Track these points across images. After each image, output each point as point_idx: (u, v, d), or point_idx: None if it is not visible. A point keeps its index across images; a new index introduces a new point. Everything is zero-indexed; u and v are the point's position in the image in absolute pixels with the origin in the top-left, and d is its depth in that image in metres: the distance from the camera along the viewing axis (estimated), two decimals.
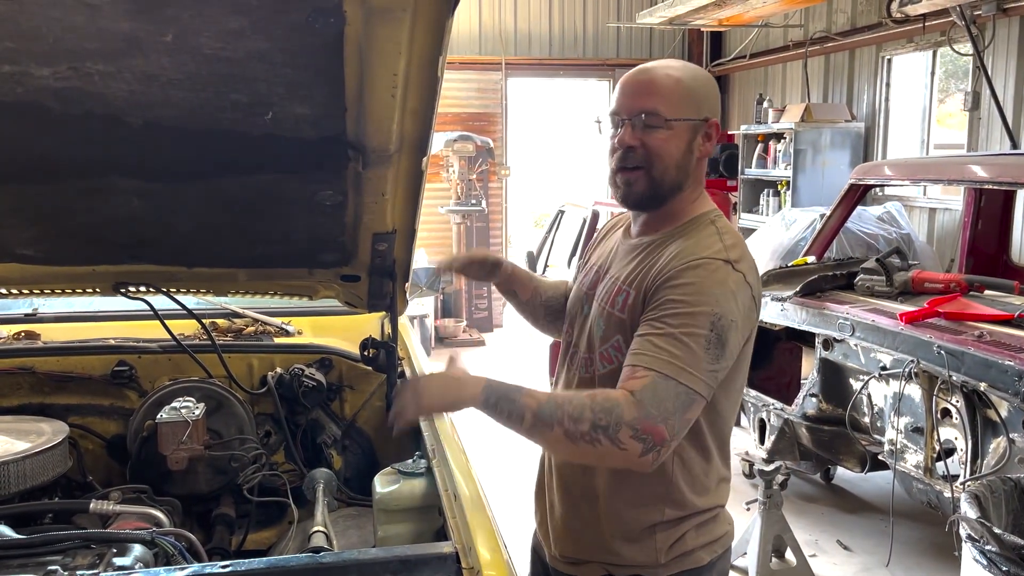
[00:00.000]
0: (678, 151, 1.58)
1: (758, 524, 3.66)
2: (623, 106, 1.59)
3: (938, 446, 3.27)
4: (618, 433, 1.39)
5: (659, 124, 1.56)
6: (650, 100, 1.56)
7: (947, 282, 3.79)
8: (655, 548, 1.60)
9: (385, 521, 1.74)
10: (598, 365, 1.63)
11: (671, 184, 1.60)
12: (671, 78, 1.59)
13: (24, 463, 1.80)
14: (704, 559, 1.63)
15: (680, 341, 1.44)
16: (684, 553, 1.61)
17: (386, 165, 1.72)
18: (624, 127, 1.58)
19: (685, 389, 1.43)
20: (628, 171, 1.59)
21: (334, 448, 2.42)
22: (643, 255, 1.62)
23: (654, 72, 1.60)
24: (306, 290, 2.30)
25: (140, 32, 1.31)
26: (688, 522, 1.61)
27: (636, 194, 1.61)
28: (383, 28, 1.35)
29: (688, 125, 1.58)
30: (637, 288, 1.57)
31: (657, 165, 1.58)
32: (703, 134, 1.61)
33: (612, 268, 1.69)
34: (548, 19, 9.23)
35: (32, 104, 1.46)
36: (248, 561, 1.34)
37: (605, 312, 1.63)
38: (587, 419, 1.40)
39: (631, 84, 1.61)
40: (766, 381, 4.64)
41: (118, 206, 1.82)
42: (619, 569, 1.63)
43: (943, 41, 5.98)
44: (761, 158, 7.59)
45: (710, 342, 1.45)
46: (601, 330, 1.63)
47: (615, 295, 1.62)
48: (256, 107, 1.51)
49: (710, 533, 1.64)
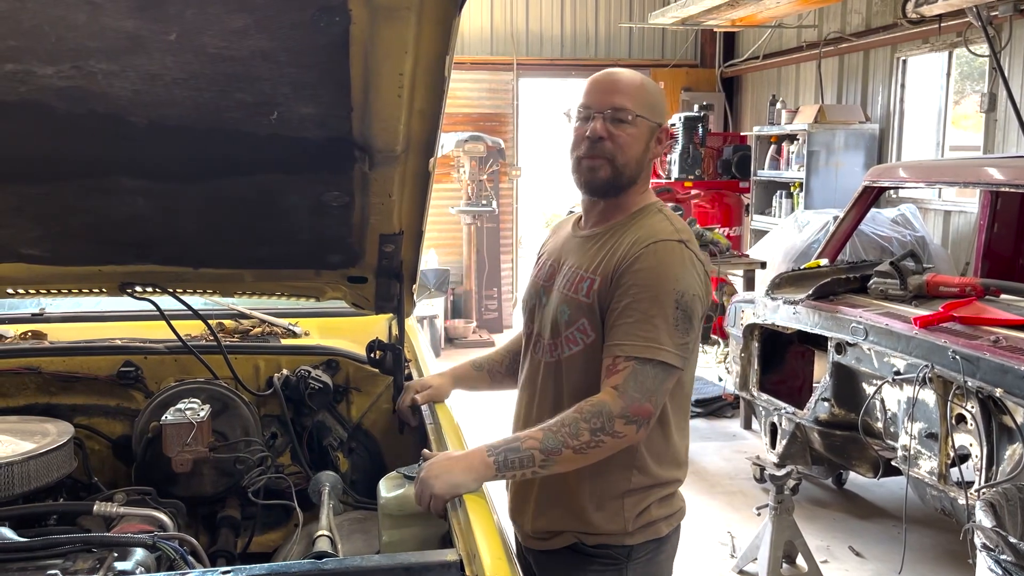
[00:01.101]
0: (639, 147, 1.76)
1: (769, 529, 3.62)
2: (594, 101, 1.75)
3: (952, 452, 3.23)
4: (613, 427, 1.59)
5: (626, 119, 1.73)
6: (620, 97, 1.74)
7: (962, 286, 3.74)
8: (623, 516, 1.75)
9: (390, 526, 1.72)
10: (563, 348, 1.78)
11: (629, 176, 1.77)
12: (635, 81, 1.78)
13: (29, 464, 1.78)
14: (663, 531, 1.80)
15: (650, 323, 1.62)
16: (648, 523, 1.77)
17: (393, 166, 1.70)
18: (595, 119, 1.73)
19: (662, 366, 1.63)
20: (593, 158, 1.75)
21: (340, 451, 2.40)
22: (600, 243, 1.78)
23: (622, 75, 1.79)
24: (313, 291, 2.29)
25: (143, 31, 1.29)
26: (653, 493, 1.77)
27: (599, 180, 1.76)
28: (389, 27, 1.33)
29: (648, 125, 1.76)
30: (602, 274, 1.72)
31: (620, 157, 1.74)
32: (656, 138, 1.80)
33: (569, 259, 1.83)
34: (560, 19, 9.21)
35: (35, 103, 1.44)
36: (250, 567, 1.32)
37: (568, 298, 1.77)
38: (584, 429, 1.58)
39: (602, 83, 1.78)
40: (777, 385, 4.60)
41: (123, 206, 1.81)
42: (589, 537, 1.77)
43: (959, 42, 5.92)
44: (774, 159, 7.55)
45: (678, 319, 1.64)
46: (566, 315, 1.77)
47: (578, 282, 1.76)
48: (261, 107, 1.49)
49: (670, 506, 1.82)
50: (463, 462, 1.59)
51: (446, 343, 8.21)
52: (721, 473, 5.04)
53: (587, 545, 1.77)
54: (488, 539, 1.40)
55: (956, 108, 6.79)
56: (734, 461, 5.20)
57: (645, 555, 1.78)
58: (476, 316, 8.81)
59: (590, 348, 1.73)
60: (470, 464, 1.58)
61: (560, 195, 12.99)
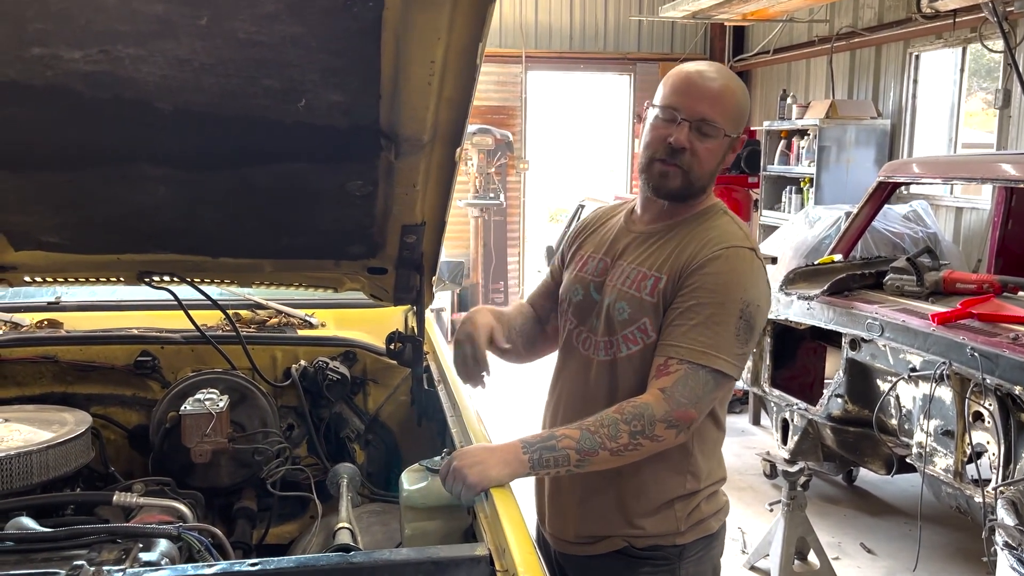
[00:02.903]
0: (716, 161, 1.69)
1: (781, 526, 3.61)
2: (684, 106, 1.64)
3: (969, 450, 3.21)
4: (654, 431, 1.54)
5: (714, 135, 1.64)
6: (712, 109, 1.64)
7: (980, 283, 3.72)
8: (675, 517, 1.72)
9: (413, 519, 1.70)
10: (620, 347, 1.71)
11: (701, 187, 1.71)
12: (730, 90, 1.67)
13: (47, 453, 1.77)
14: (714, 527, 1.78)
15: (712, 329, 1.56)
16: (699, 521, 1.74)
17: (418, 155, 1.68)
18: (680, 127, 1.64)
19: (714, 374, 1.57)
20: (668, 165, 1.67)
21: (357, 442, 2.39)
22: (664, 241, 1.71)
23: (717, 80, 1.67)
24: (332, 282, 2.27)
25: (174, 14, 1.27)
26: (702, 492, 1.74)
27: (669, 188, 1.69)
28: (422, 13, 1.31)
29: (729, 139, 1.68)
30: (669, 272, 1.66)
31: (696, 170, 1.67)
32: (733, 147, 1.72)
33: (626, 254, 1.75)
34: (569, 12, 9.16)
35: (61, 88, 1.42)
36: (278, 560, 1.30)
37: (628, 296, 1.70)
38: (624, 431, 1.53)
39: (694, 86, 1.66)
40: (789, 381, 4.58)
41: (145, 194, 1.79)
42: (640, 540, 1.73)
43: (973, 38, 5.87)
44: (784, 155, 7.51)
45: (740, 328, 1.58)
46: (625, 313, 1.69)
47: (640, 280, 1.69)
48: (289, 94, 1.47)
49: (717, 502, 1.79)
50: (498, 455, 1.54)
51: (453, 335, 8.20)
52: (731, 469, 4.96)
53: (637, 548, 1.73)
54: (517, 534, 1.39)
55: (964, 105, 6.74)
56: (744, 457, 5.18)
57: (696, 553, 1.75)
58: None
59: (649, 348, 1.67)
60: (505, 458, 1.53)
61: (568, 188, 12.97)
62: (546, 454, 1.53)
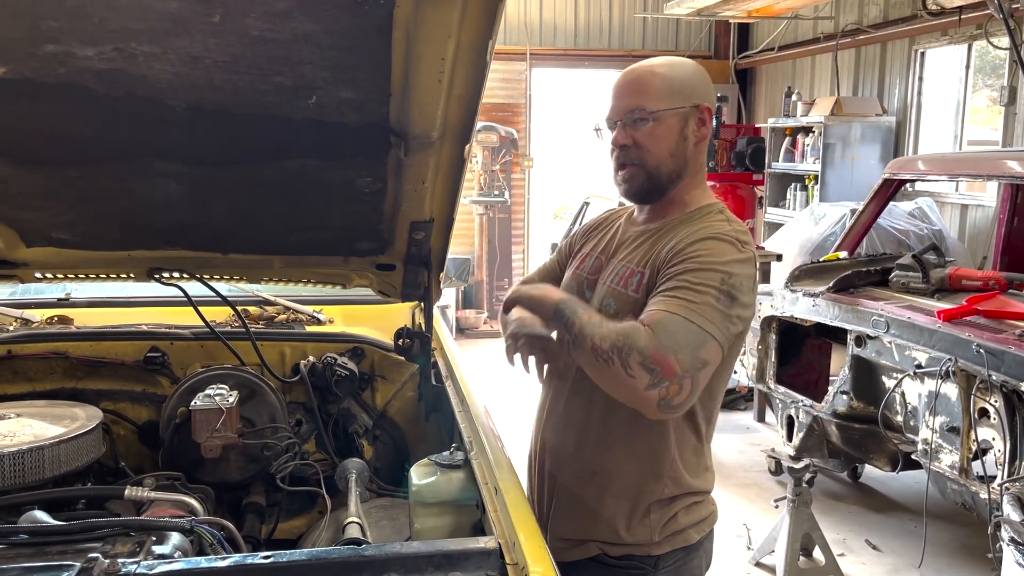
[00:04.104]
0: (670, 140, 1.66)
1: (786, 522, 3.62)
2: (613, 109, 1.70)
3: (975, 446, 3.21)
4: (629, 357, 1.45)
5: (645, 118, 1.65)
6: (634, 98, 1.66)
7: (986, 279, 3.72)
8: (650, 527, 1.68)
9: (422, 514, 1.71)
10: None
11: (668, 173, 1.69)
12: (651, 73, 1.68)
13: (59, 448, 1.79)
14: (694, 537, 1.73)
15: (692, 290, 1.52)
16: (676, 532, 1.70)
17: (428, 152, 1.69)
18: (617, 128, 1.69)
19: (696, 328, 1.48)
20: (625, 168, 1.70)
21: (365, 438, 2.40)
22: (654, 238, 1.70)
23: (636, 72, 1.70)
24: (340, 278, 2.28)
25: (187, 12, 1.28)
26: (680, 501, 1.70)
27: (636, 188, 1.71)
28: (433, 10, 1.32)
29: (676, 114, 1.66)
30: (651, 267, 1.65)
31: (650, 159, 1.67)
32: (696, 120, 1.68)
33: (619, 253, 1.77)
34: (574, 9, 9.16)
35: (74, 85, 1.43)
36: (290, 552, 1.31)
37: (615, 292, 1.70)
38: (609, 339, 1.48)
39: (617, 87, 1.71)
40: (793, 378, 4.58)
41: (156, 190, 1.80)
42: (615, 548, 1.70)
43: (979, 34, 5.87)
44: (789, 152, 7.50)
45: (721, 293, 1.52)
46: (612, 309, 1.68)
47: (628, 276, 1.70)
48: (300, 91, 1.48)
49: (698, 513, 1.74)
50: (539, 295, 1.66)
51: (457, 333, 8.21)
52: (735, 465, 5.03)
53: (610, 556, 1.71)
54: (526, 528, 1.40)
55: (969, 102, 6.73)
56: (748, 454, 5.19)
57: (673, 563, 1.71)
58: (487, 306, 8.81)
59: None
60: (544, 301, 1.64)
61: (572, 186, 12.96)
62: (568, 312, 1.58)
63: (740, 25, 8.93)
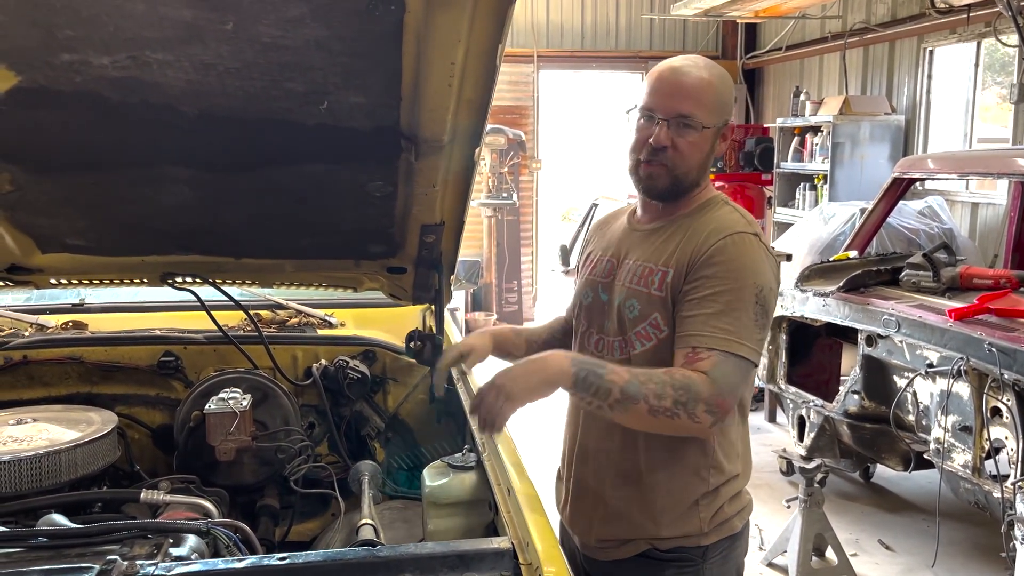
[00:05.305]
0: (703, 152, 1.69)
1: (799, 522, 3.61)
2: (660, 105, 1.66)
3: (987, 445, 3.20)
4: (695, 409, 1.51)
5: (694, 127, 1.65)
6: (687, 104, 1.64)
7: (997, 278, 3.71)
8: (698, 518, 1.71)
9: (435, 515, 1.73)
10: (634, 344, 1.70)
11: (690, 182, 1.71)
12: (705, 81, 1.66)
13: (75, 452, 1.81)
14: (738, 526, 1.77)
15: (731, 316, 1.56)
16: (723, 521, 1.73)
17: (438, 156, 1.70)
18: (659, 126, 1.65)
19: (745, 363, 1.57)
20: (652, 165, 1.69)
21: (377, 440, 2.42)
22: (667, 236, 1.71)
23: (691, 75, 1.66)
24: (351, 281, 2.29)
25: (201, 20, 1.29)
26: (726, 489, 1.73)
27: (658, 188, 1.71)
28: (443, 15, 1.33)
29: (716, 129, 1.69)
30: (676, 265, 1.66)
31: (681, 166, 1.67)
32: (721, 135, 1.72)
33: (633, 253, 1.76)
34: (581, 11, 9.16)
35: (90, 93, 1.45)
36: (305, 554, 1.33)
37: (637, 292, 1.70)
38: (669, 396, 1.50)
39: (668, 83, 1.67)
40: (804, 378, 4.57)
41: (169, 196, 1.82)
42: (663, 542, 1.72)
43: (987, 32, 5.84)
44: (797, 151, 7.49)
45: (757, 313, 1.58)
46: (635, 310, 1.69)
47: (647, 275, 1.69)
48: (311, 96, 1.49)
49: (740, 501, 1.78)
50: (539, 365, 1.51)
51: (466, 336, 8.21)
52: None
53: (660, 550, 1.72)
54: (539, 528, 1.41)
55: (979, 100, 6.70)
56: (760, 454, 5.17)
57: (720, 553, 1.74)
58: (496, 309, 8.81)
59: (663, 343, 1.66)
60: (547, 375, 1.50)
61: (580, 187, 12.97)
62: (592, 378, 1.50)
63: (747, 25, 8.91)
